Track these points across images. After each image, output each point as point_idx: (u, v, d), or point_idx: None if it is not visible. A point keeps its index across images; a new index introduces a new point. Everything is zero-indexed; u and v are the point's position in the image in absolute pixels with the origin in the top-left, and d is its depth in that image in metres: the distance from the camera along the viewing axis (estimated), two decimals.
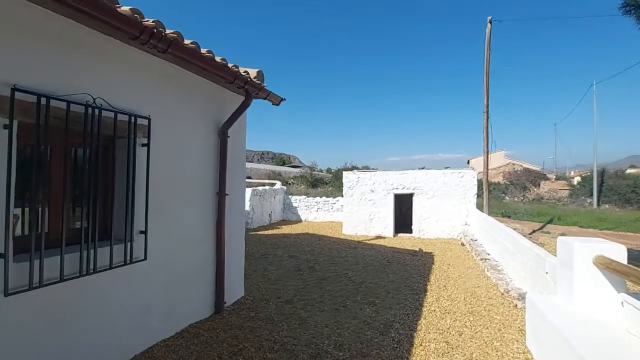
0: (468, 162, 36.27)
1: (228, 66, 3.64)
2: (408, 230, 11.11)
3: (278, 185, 15.26)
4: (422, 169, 11.20)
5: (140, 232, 3.07)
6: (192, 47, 3.14)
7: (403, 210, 12.38)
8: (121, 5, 2.53)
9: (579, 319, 2.79)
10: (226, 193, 4.13)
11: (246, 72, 4.05)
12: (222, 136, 4.11)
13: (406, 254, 7.81)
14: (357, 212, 11.29)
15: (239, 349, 3.19)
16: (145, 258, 3.07)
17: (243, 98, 4.11)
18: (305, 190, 21.12)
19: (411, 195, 10.91)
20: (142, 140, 3.10)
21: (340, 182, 11.84)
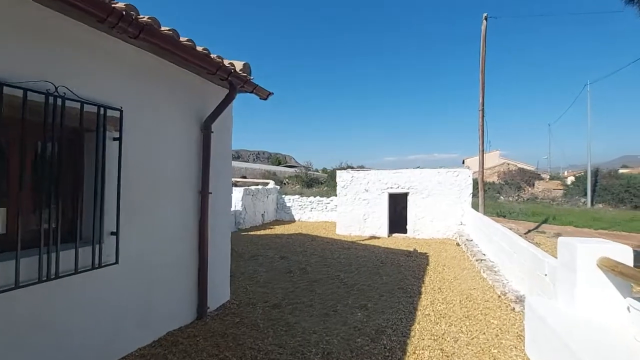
0: (463, 162, 36.27)
1: (210, 56, 3.42)
2: (403, 230, 10.93)
3: (271, 185, 15.01)
4: (417, 168, 11.05)
5: (111, 234, 2.84)
6: (169, 34, 2.91)
7: (398, 210, 12.21)
8: None
9: (582, 325, 2.60)
10: (209, 191, 3.90)
11: (231, 64, 3.83)
12: (205, 131, 3.88)
13: (400, 255, 7.63)
14: (351, 212, 11.10)
15: (219, 359, 2.96)
16: (116, 262, 2.84)
17: (228, 91, 3.89)
18: (300, 190, 20.89)
19: (406, 194, 10.73)
20: (114, 133, 2.86)
21: (336, 182, 11.64)
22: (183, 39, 3.16)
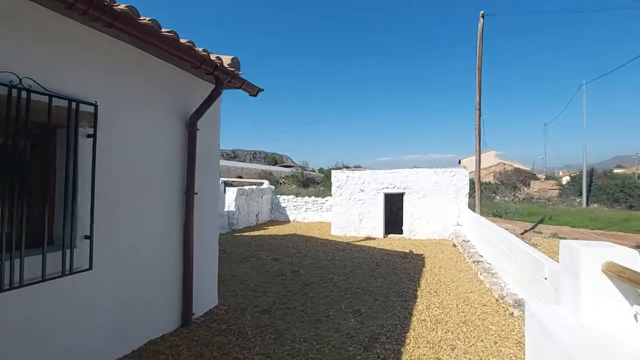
0: (459, 162, 36.23)
1: (194, 49, 3.23)
2: (398, 230, 10.78)
3: (266, 185, 14.80)
4: (413, 168, 10.89)
5: (84, 237, 2.64)
6: (147, 24, 2.72)
7: (393, 210, 12.06)
8: None
9: (587, 334, 2.45)
10: (195, 192, 3.71)
11: (218, 58, 3.64)
12: (191, 129, 3.69)
13: (396, 256, 7.47)
14: (346, 213, 10.93)
15: None
16: (90, 267, 2.64)
17: (214, 86, 3.70)
18: (296, 190, 20.71)
19: (402, 194, 10.58)
20: (88, 130, 2.67)
21: (332, 182, 11.46)
22: (164, 30, 2.97)
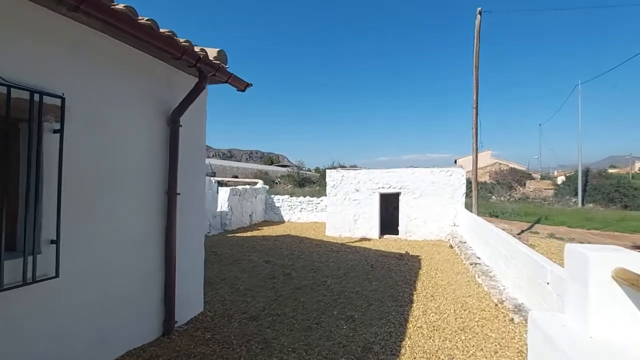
0: (455, 162, 36.21)
1: (174, 39, 3.00)
2: (394, 231, 10.60)
3: (260, 184, 14.57)
4: (409, 167, 10.71)
5: (50, 242, 2.42)
6: (120, 10, 2.49)
7: (389, 210, 11.88)
8: None
9: (595, 345, 2.26)
10: (178, 192, 3.49)
11: (202, 50, 3.43)
12: (173, 125, 3.47)
13: (392, 258, 7.28)
14: (341, 213, 10.73)
15: None
16: (56, 275, 2.41)
17: (197, 80, 3.48)
18: (292, 189, 20.48)
19: (398, 194, 10.40)
20: (55, 125, 2.44)
21: (326, 182, 11.26)
22: (142, 18, 2.75)
